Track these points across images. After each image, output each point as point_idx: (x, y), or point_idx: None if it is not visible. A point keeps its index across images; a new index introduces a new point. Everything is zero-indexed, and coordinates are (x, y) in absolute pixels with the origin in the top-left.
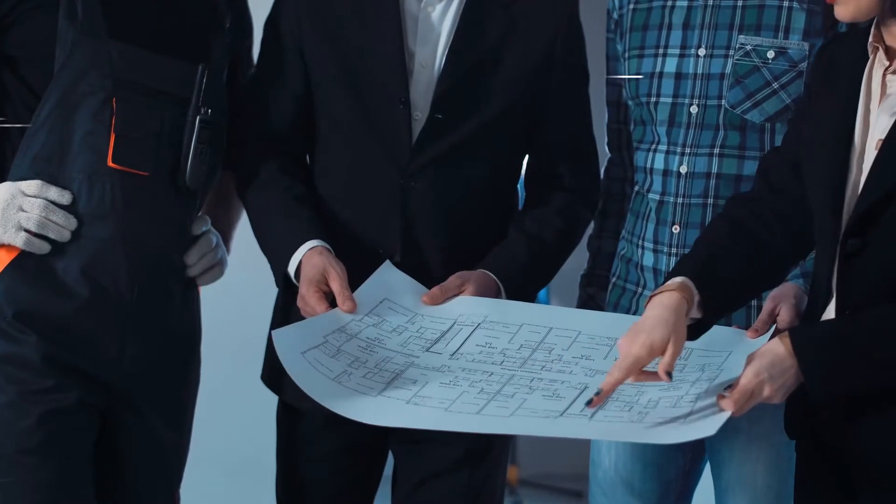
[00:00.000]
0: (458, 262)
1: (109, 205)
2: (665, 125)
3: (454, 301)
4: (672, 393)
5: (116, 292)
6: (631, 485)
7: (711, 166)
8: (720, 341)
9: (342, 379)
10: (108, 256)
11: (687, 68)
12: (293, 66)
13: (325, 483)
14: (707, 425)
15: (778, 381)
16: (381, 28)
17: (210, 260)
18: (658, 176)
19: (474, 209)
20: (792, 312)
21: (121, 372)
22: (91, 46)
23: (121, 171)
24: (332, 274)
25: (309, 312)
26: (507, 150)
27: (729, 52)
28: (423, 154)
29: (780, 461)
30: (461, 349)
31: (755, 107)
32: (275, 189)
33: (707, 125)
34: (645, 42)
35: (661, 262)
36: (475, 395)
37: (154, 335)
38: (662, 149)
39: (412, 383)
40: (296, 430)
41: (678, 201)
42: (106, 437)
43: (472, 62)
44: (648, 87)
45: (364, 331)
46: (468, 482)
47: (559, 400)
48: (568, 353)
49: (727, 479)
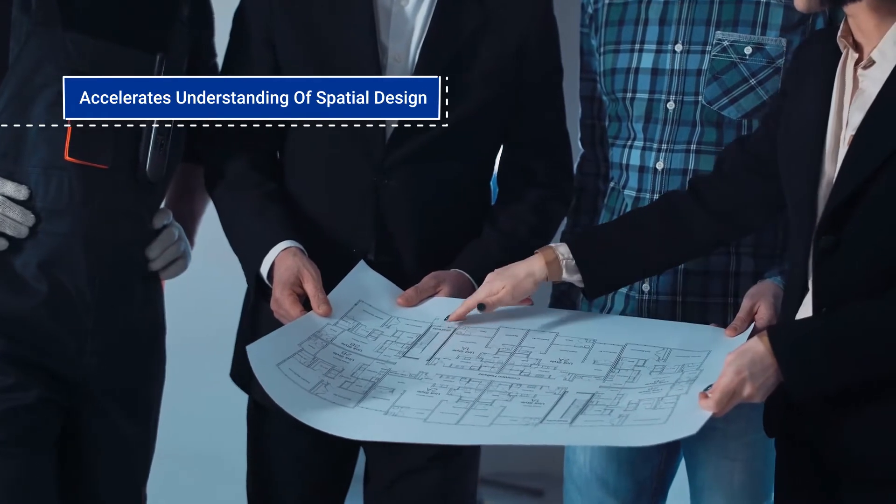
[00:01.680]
0: (433, 260)
1: (67, 199)
2: (641, 121)
3: (429, 302)
4: (652, 395)
5: (76, 288)
6: (606, 482)
7: (688, 163)
8: (698, 340)
9: (319, 390)
10: (67, 252)
11: (664, 64)
12: (263, 59)
13: (296, 482)
14: (688, 425)
15: (759, 380)
16: (353, 21)
17: (172, 253)
18: (634, 172)
19: (448, 206)
20: (771, 311)
21: (82, 368)
22: (46, 37)
23: (78, 164)
24: (307, 276)
25: (282, 315)
26: (481, 146)
27: (706, 48)
28: (397, 151)
29: (757, 460)
30: (438, 354)
31: (732, 103)
32: (245, 186)
33: (684, 121)
34: (621, 37)
35: None
36: (454, 404)
37: (115, 331)
38: (639, 145)
39: (389, 392)
40: (267, 429)
41: (655, 198)
42: (69, 435)
43: (447, 57)
44: (624, 83)
45: (339, 336)
46: (441, 481)
47: (539, 406)
48: (546, 356)
49: (703, 477)
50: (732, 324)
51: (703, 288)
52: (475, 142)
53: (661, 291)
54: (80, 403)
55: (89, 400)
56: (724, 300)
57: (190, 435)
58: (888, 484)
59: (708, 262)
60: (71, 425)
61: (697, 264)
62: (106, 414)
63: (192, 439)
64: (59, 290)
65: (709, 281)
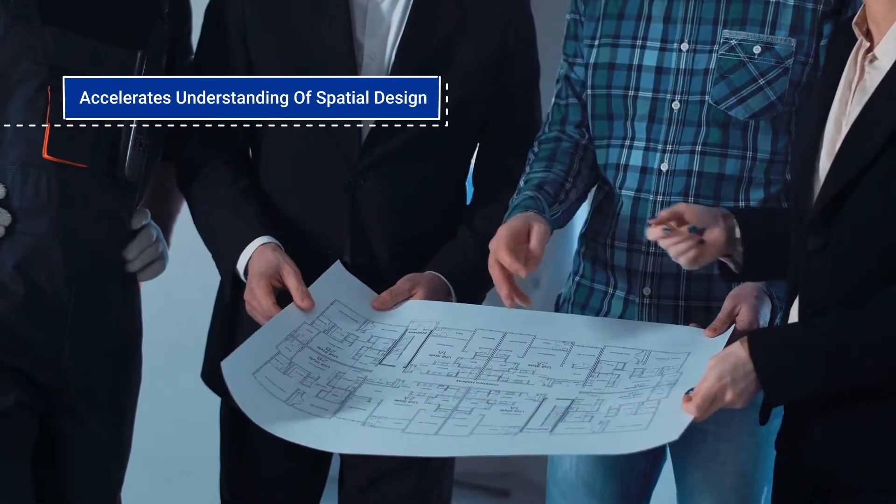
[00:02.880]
0: (408, 261)
1: (45, 199)
2: (645, 121)
3: (405, 306)
4: (633, 400)
5: (53, 290)
6: (592, 487)
7: (693, 164)
8: (677, 341)
9: (294, 401)
10: (45, 253)
11: (669, 63)
12: (236, 55)
13: (271, 484)
14: (670, 431)
15: (739, 386)
16: (328, 18)
17: (151, 255)
18: (634, 173)
19: (424, 206)
20: (752, 314)
21: (59, 373)
22: (24, 32)
23: (57, 163)
24: (288, 270)
25: (255, 307)
26: (457, 146)
27: (713, 48)
28: (373, 151)
29: (747, 463)
30: (414, 360)
31: (740, 103)
32: (220, 183)
33: (689, 122)
34: (620, 31)
35: (638, 262)
36: (432, 413)
37: (93, 334)
38: (640, 145)
39: (366, 402)
40: (241, 431)
41: (657, 199)
42: (45, 439)
43: (424, 56)
44: (626, 80)
45: (315, 338)
46: (417, 484)
47: (518, 414)
48: (524, 360)
49: (693, 481)
50: (712, 324)
51: (706, 292)
52: (452, 141)
53: (664, 295)
54: (56, 407)
55: (65, 404)
56: None
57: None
58: (873, 492)
59: (712, 266)
60: (48, 430)
61: (702, 268)
62: (82, 418)
63: (165, 442)
64: (35, 292)
65: (712, 285)
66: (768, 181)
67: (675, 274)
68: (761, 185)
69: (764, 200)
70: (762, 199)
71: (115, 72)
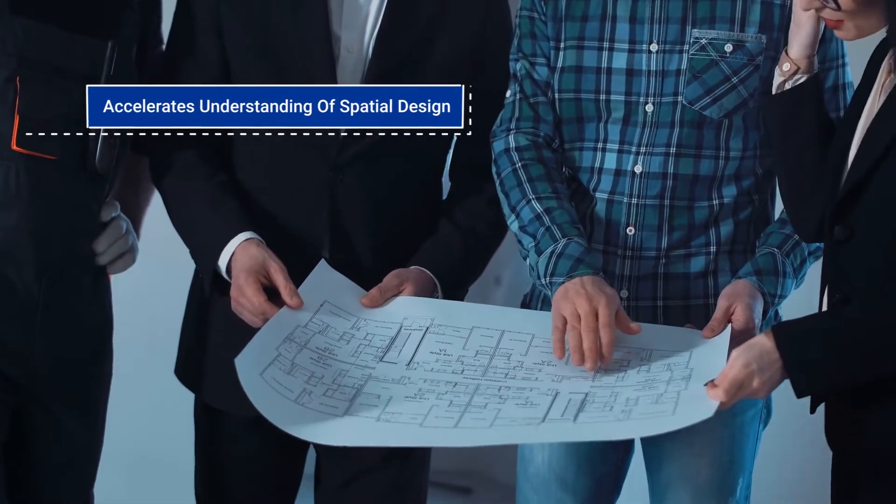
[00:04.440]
0: (388, 256)
1: (14, 191)
2: (619, 123)
3: (395, 303)
4: (650, 392)
5: (23, 284)
6: (564, 481)
7: (667, 166)
8: (676, 341)
9: (304, 400)
10: (13, 246)
11: (639, 65)
12: (209, 46)
13: (246, 481)
14: (700, 411)
15: (765, 375)
16: (304, 9)
17: (121, 247)
18: (609, 175)
19: (403, 201)
20: (748, 312)
21: (29, 368)
22: None
23: (26, 154)
24: (275, 267)
25: (244, 304)
26: (436, 140)
27: (683, 48)
28: (352, 147)
29: (724, 455)
30: (416, 358)
31: (714, 102)
32: (197, 177)
33: (662, 123)
34: (585, 33)
35: (614, 265)
36: (446, 409)
37: (63, 328)
38: (613, 147)
39: (376, 398)
40: (215, 428)
41: (632, 202)
42: (15, 436)
43: (402, 48)
44: (596, 83)
45: (312, 339)
46: (395, 481)
47: (534, 407)
48: (527, 358)
49: (668, 474)
50: (710, 325)
51: (684, 291)
52: (430, 136)
53: (642, 297)
54: (27, 403)
55: (36, 399)
56: (706, 301)
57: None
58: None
59: (688, 265)
60: (17, 424)
61: (677, 268)
62: (53, 415)
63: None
64: (5, 286)
65: (689, 283)
66: (739, 177)
67: (651, 274)
68: (733, 182)
69: (736, 196)
70: (734, 194)
71: (85, 63)
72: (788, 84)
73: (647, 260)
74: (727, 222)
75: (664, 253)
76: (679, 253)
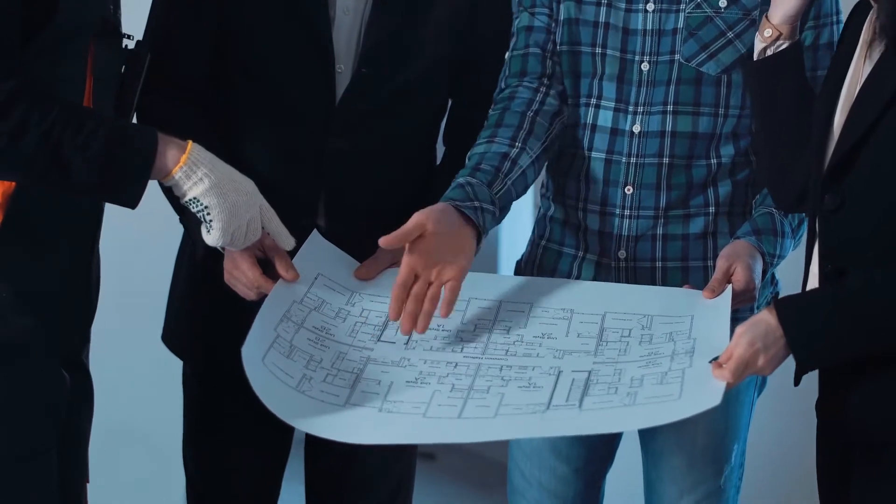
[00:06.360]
0: (382, 224)
1: None
2: (614, 80)
3: (387, 274)
4: (654, 370)
5: None
6: (558, 449)
7: (665, 124)
8: (677, 304)
9: (304, 387)
10: None
11: (636, 24)
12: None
13: (236, 446)
14: (708, 397)
15: (770, 352)
16: None
17: None
18: (604, 134)
19: (398, 167)
20: (747, 272)
21: None
22: None
23: None
24: (270, 240)
25: (238, 277)
26: (432, 105)
27: (680, 6)
28: (347, 112)
29: (718, 423)
30: (414, 335)
31: (711, 58)
32: None
33: (659, 82)
34: None
35: (613, 225)
36: (448, 395)
37: None
38: (608, 105)
39: (376, 384)
40: (204, 394)
41: (630, 161)
42: None
43: (400, 11)
44: (592, 37)
45: (308, 318)
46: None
47: (538, 390)
48: (527, 331)
49: (662, 442)
50: (710, 285)
51: (683, 252)
52: (427, 100)
53: (640, 258)
54: None
55: None
56: (704, 263)
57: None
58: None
59: (687, 226)
60: None
61: (676, 229)
62: None
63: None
64: None
65: (688, 245)
66: (737, 136)
67: (650, 235)
68: (731, 141)
69: (734, 156)
70: (732, 154)
71: None
72: (770, 50)
73: (646, 220)
74: (725, 182)
75: (662, 212)
76: (678, 213)
